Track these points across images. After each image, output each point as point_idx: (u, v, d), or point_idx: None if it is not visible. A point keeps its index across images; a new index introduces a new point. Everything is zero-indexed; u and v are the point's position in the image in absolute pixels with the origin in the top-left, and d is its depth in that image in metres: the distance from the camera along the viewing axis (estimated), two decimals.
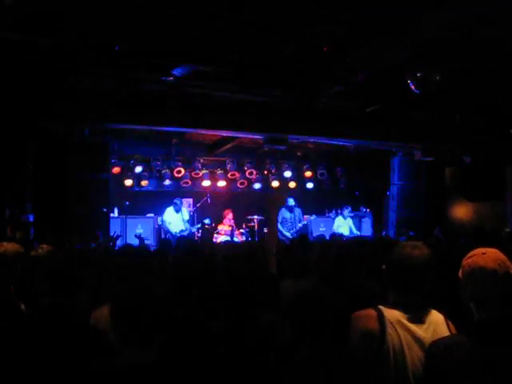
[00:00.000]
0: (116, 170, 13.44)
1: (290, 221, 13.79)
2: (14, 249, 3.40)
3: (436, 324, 2.81)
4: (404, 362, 2.70)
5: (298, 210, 14.00)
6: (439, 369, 2.41)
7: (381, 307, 2.83)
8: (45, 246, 3.53)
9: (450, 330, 2.81)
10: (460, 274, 2.58)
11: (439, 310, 2.93)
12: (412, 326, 2.77)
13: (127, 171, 14.02)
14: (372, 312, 2.79)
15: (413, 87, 7.65)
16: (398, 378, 2.69)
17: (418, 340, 2.74)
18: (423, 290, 2.87)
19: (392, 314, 2.79)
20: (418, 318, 2.81)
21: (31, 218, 9.59)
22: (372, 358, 2.68)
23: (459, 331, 2.77)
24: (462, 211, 15.46)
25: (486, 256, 2.48)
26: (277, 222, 14.01)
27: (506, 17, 6.57)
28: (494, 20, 6.72)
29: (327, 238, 9.32)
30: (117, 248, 8.12)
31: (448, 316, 2.93)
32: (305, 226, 13.89)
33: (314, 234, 13.80)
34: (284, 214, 13.92)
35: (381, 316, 2.77)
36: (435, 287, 4.07)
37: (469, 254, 2.58)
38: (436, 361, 2.45)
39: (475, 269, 2.47)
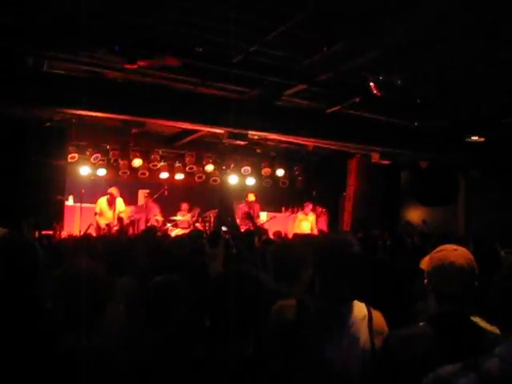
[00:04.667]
0: (72, 156, 13.20)
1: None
2: None
3: (355, 319, 2.77)
4: (316, 355, 2.68)
5: (257, 207, 14.04)
6: (395, 361, 2.47)
7: (305, 298, 2.85)
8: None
9: (371, 325, 2.77)
10: (425, 266, 2.66)
11: (367, 305, 2.88)
12: (329, 320, 2.74)
13: (84, 159, 13.80)
14: (292, 302, 2.80)
15: (374, 90, 7.77)
16: (312, 370, 2.68)
17: (333, 334, 2.71)
18: (350, 283, 2.82)
19: (312, 307, 2.77)
20: (338, 311, 2.77)
21: None
22: (287, 347, 2.68)
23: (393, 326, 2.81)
24: (415, 215, 15.75)
25: (456, 252, 2.57)
26: (235, 217, 13.95)
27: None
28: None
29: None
30: None
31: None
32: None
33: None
34: (244, 209, 13.90)
35: (300, 307, 2.77)
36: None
37: (439, 248, 2.65)
38: (392, 353, 2.51)
39: (445, 262, 2.54)
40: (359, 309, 2.82)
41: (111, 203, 12.72)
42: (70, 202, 12.93)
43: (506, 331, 2.51)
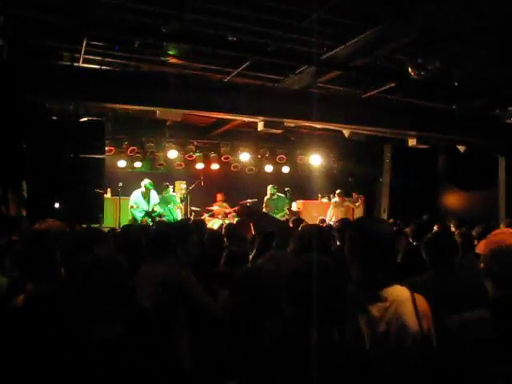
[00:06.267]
0: (109, 150, 13.34)
1: (273, 209, 13.86)
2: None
3: (399, 301, 2.68)
4: (360, 340, 2.62)
5: (280, 198, 14.04)
6: (455, 344, 2.44)
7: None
8: (51, 220, 3.50)
9: (416, 307, 2.67)
10: (482, 250, 2.61)
11: (407, 287, 2.78)
12: (371, 306, 2.67)
13: (120, 152, 13.95)
14: None
15: (412, 73, 7.65)
16: (354, 356, 2.61)
17: (376, 320, 2.64)
18: (387, 266, 2.77)
19: (353, 292, 2.73)
20: (379, 295, 2.69)
21: (25, 196, 9.54)
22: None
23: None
24: (453, 200, 15.54)
25: None
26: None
27: None
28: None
29: None
30: None
31: None
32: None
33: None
34: (267, 202, 14.01)
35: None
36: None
37: (495, 232, 2.63)
38: (451, 337, 2.48)
39: (502, 247, 2.50)
40: (401, 292, 2.74)
41: (146, 196, 12.82)
42: (107, 195, 13.05)
43: None
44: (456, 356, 2.45)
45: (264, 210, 13.72)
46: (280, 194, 14.08)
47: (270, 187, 14.03)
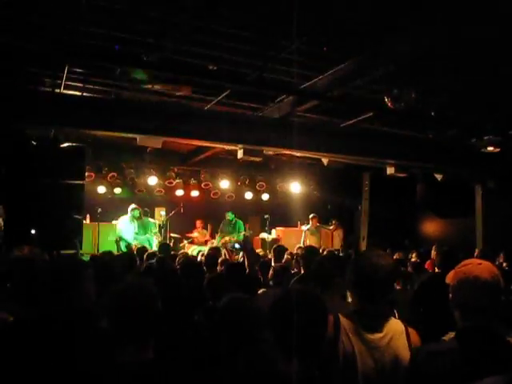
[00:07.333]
0: (89, 176, 13.34)
1: (228, 233, 14.41)
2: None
3: (394, 333, 2.81)
4: (354, 368, 2.73)
5: (238, 223, 14.54)
6: (422, 375, 2.48)
7: (339, 314, 2.87)
8: (27, 247, 3.52)
9: (409, 341, 2.81)
10: (450, 281, 2.66)
11: (402, 320, 2.95)
12: (367, 335, 2.79)
13: (100, 178, 13.94)
14: (330, 318, 2.79)
15: (389, 103, 7.79)
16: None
17: (371, 348, 2.76)
18: (385, 299, 2.90)
19: (348, 322, 2.83)
20: (375, 326, 2.82)
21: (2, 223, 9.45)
22: (323, 362, 2.71)
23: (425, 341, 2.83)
24: (431, 227, 15.69)
25: (481, 266, 2.57)
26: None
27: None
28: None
29: None
30: None
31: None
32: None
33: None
34: (222, 227, 14.62)
35: (337, 322, 2.81)
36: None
37: (464, 263, 2.67)
38: (419, 367, 2.53)
39: (469, 277, 2.55)
40: (396, 325, 2.87)
41: (132, 221, 12.97)
42: (86, 220, 13.04)
43: None
44: None
45: (219, 233, 14.37)
46: (238, 220, 14.63)
47: (228, 213, 14.60)
